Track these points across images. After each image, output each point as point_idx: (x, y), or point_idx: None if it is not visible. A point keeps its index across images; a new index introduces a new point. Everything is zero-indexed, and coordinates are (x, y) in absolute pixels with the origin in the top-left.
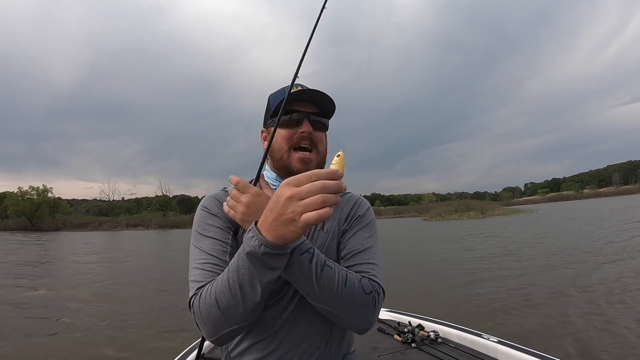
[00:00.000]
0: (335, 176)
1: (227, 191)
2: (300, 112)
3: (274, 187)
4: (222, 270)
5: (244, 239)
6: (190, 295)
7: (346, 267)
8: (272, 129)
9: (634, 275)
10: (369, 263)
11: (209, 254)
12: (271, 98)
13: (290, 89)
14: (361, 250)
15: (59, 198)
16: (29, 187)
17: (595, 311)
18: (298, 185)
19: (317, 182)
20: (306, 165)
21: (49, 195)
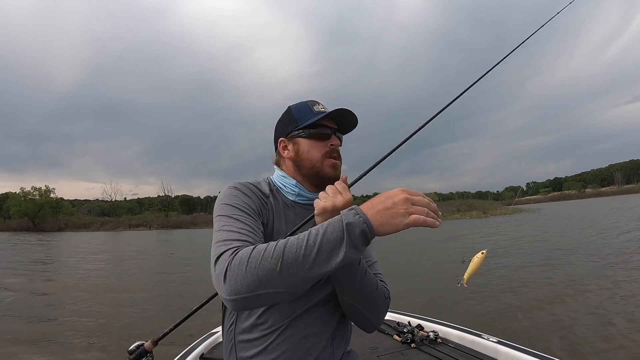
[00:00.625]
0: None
1: (255, 185)
2: (329, 127)
3: (293, 193)
4: (260, 242)
5: (342, 215)
6: (225, 248)
7: None
8: (300, 139)
9: (615, 270)
10: (379, 273)
11: (246, 223)
12: (294, 109)
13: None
14: (372, 263)
15: (61, 198)
16: (31, 188)
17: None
18: (411, 194)
19: (426, 198)
20: (336, 171)
21: (52, 195)
